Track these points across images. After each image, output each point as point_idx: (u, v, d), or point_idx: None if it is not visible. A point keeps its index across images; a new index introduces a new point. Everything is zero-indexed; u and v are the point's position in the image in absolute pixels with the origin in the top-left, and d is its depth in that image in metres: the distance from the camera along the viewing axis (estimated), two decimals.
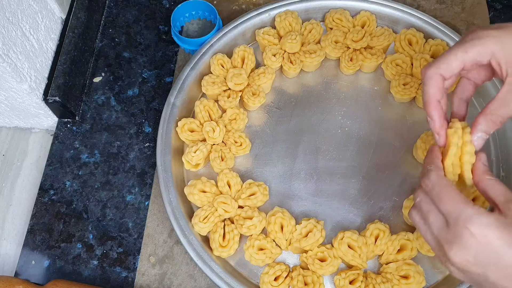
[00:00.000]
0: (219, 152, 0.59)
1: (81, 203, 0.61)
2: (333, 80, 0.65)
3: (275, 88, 0.65)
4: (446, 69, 0.42)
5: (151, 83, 0.68)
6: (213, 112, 0.61)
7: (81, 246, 0.59)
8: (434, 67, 0.43)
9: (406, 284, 0.51)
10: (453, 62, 0.42)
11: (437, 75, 0.43)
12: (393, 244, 0.53)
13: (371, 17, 0.66)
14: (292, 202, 0.59)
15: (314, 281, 0.52)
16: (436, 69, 0.43)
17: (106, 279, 0.57)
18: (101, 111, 0.66)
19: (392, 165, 0.60)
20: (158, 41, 0.70)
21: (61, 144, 0.64)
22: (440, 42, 0.63)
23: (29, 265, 0.58)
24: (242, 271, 0.56)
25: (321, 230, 0.54)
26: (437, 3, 0.71)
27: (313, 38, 0.65)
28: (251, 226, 0.54)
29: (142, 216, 0.60)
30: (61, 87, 0.62)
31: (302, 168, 0.60)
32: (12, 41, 0.53)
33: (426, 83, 0.43)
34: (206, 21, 0.71)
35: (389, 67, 0.63)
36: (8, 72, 0.54)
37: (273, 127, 0.63)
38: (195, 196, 0.56)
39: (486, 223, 0.36)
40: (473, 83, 0.46)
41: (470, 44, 0.41)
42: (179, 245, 0.58)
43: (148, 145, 0.64)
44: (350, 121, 0.63)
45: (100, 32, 0.71)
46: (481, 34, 0.41)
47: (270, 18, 0.66)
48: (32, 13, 0.58)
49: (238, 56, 0.64)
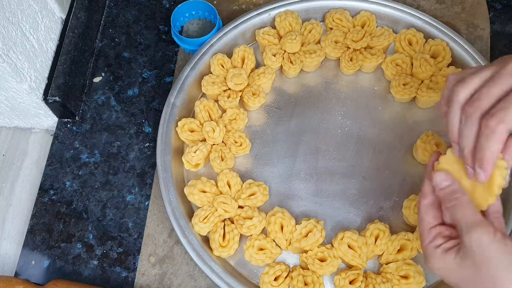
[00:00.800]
0: (219, 152, 0.59)
1: (81, 203, 0.61)
2: (333, 80, 0.65)
3: (275, 88, 0.65)
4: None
5: (151, 83, 0.68)
6: (213, 112, 0.61)
7: (81, 246, 0.59)
8: (505, 124, 0.38)
9: (406, 284, 0.51)
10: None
11: (506, 132, 0.38)
12: (393, 244, 0.53)
13: (371, 17, 0.66)
14: (292, 202, 0.59)
15: (314, 281, 0.52)
16: (507, 125, 0.38)
17: (106, 279, 0.57)
18: (101, 111, 0.66)
19: (392, 165, 0.60)
20: (158, 41, 0.70)
21: (61, 144, 0.64)
22: (440, 42, 0.63)
23: (29, 265, 0.58)
24: (242, 271, 0.56)
25: (321, 230, 0.54)
26: (437, 3, 0.71)
27: (313, 38, 0.65)
28: (251, 226, 0.54)
29: (142, 216, 0.60)
30: (61, 87, 0.62)
31: (302, 168, 0.60)
32: (12, 41, 0.53)
33: (490, 139, 0.38)
34: (206, 21, 0.71)
35: (389, 67, 0.63)
36: (8, 72, 0.54)
37: (273, 127, 0.63)
38: (195, 196, 0.56)
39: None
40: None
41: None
42: (179, 245, 0.58)
43: (148, 145, 0.64)
44: (350, 121, 0.63)
45: (100, 32, 0.71)
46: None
47: (270, 18, 0.66)
48: (32, 13, 0.58)
49: (238, 56, 0.64)
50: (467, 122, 0.40)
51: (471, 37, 0.68)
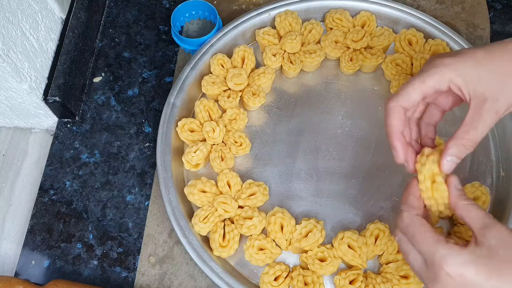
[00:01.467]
0: (219, 152, 0.59)
1: (81, 203, 0.61)
2: (333, 80, 0.65)
3: (275, 88, 0.65)
4: (406, 100, 0.44)
5: (151, 83, 0.68)
6: (213, 112, 0.61)
7: (81, 246, 0.59)
8: (394, 100, 0.44)
9: (406, 284, 0.51)
10: (412, 93, 0.43)
11: (398, 107, 0.44)
12: (393, 244, 0.53)
13: (371, 17, 0.66)
14: (292, 202, 0.59)
15: (314, 281, 0.52)
16: (396, 102, 0.44)
17: (106, 279, 0.57)
18: (101, 111, 0.66)
19: (392, 165, 0.60)
20: (158, 41, 0.70)
21: (61, 144, 0.64)
22: (440, 42, 0.63)
23: (29, 265, 0.58)
24: (242, 271, 0.56)
25: (321, 230, 0.54)
26: (437, 3, 0.71)
27: (313, 38, 0.65)
28: (251, 226, 0.54)
29: (142, 216, 0.60)
30: (61, 87, 0.62)
31: (302, 168, 0.60)
32: (12, 41, 0.53)
33: (388, 115, 0.45)
34: (206, 21, 0.71)
35: (389, 67, 0.63)
36: (8, 72, 0.54)
37: (273, 127, 0.63)
38: (195, 196, 0.56)
39: (460, 261, 0.36)
40: (441, 109, 0.48)
41: (427, 74, 0.43)
42: (179, 245, 0.58)
43: (148, 145, 0.64)
44: (350, 121, 0.63)
45: (100, 32, 0.71)
46: (437, 63, 0.43)
47: (270, 18, 0.66)
48: (32, 13, 0.58)
49: (238, 56, 0.64)
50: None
51: (471, 37, 0.68)
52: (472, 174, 0.59)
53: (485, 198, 0.56)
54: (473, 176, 0.59)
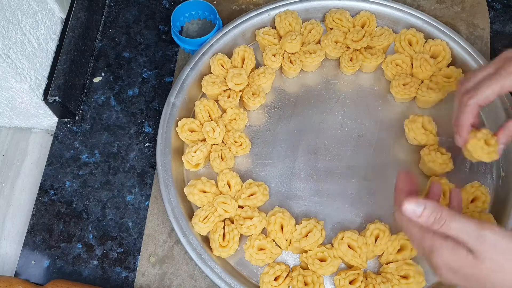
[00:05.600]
0: (219, 152, 0.59)
1: (81, 203, 0.61)
2: (333, 80, 0.65)
3: (275, 88, 0.65)
4: (484, 100, 0.48)
5: (151, 83, 0.68)
6: (213, 112, 0.61)
7: (81, 246, 0.59)
8: (474, 99, 0.48)
9: (406, 284, 0.51)
10: (490, 96, 0.47)
11: (475, 105, 0.48)
12: (393, 244, 0.53)
13: (371, 17, 0.66)
14: (292, 202, 0.59)
15: (314, 281, 0.52)
16: (476, 100, 0.48)
17: (106, 279, 0.57)
18: (101, 111, 0.66)
19: (392, 165, 0.60)
20: (158, 41, 0.70)
21: (61, 144, 0.64)
22: (440, 42, 0.63)
23: (29, 265, 0.58)
24: (242, 271, 0.56)
25: (321, 230, 0.54)
26: (437, 3, 0.71)
27: (313, 38, 0.65)
28: (251, 226, 0.54)
29: (142, 216, 0.60)
30: (61, 87, 0.62)
31: (302, 168, 0.60)
32: (12, 41, 0.53)
33: (464, 111, 0.49)
34: (206, 21, 0.71)
35: (389, 67, 0.63)
36: (8, 72, 0.54)
37: (273, 127, 0.63)
38: (195, 196, 0.56)
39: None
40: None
41: (508, 79, 0.46)
42: (179, 245, 0.58)
43: (148, 145, 0.64)
44: (350, 121, 0.63)
45: (100, 32, 0.71)
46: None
47: (270, 18, 0.66)
48: (32, 13, 0.58)
49: (238, 56, 0.64)
50: (457, 103, 0.51)
51: (471, 37, 0.68)
52: (472, 174, 0.59)
53: (485, 198, 0.56)
54: (473, 176, 0.59)
